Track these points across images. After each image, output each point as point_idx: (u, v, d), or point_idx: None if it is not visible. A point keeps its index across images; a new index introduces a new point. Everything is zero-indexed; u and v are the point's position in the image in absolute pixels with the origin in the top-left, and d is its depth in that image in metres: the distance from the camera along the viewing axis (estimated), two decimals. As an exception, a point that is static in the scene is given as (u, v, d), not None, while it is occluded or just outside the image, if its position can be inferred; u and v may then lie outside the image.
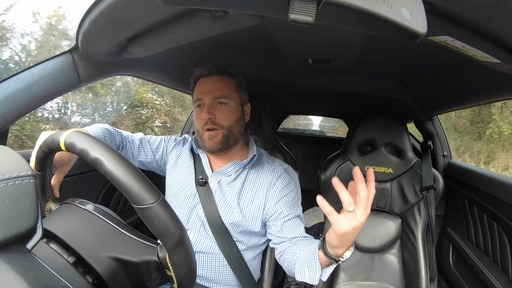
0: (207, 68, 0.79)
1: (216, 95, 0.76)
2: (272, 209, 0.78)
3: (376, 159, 1.14)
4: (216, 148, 0.77)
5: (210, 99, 0.76)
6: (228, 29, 0.53)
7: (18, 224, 0.28)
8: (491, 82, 0.76)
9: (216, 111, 0.76)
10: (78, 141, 0.37)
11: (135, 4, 0.45)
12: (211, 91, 0.77)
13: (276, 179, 0.81)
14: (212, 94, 0.76)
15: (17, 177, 0.29)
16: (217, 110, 0.76)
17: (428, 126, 1.46)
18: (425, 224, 1.09)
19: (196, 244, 0.78)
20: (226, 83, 0.79)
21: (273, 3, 0.31)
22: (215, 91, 0.77)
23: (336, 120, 3.70)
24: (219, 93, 0.77)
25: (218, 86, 0.78)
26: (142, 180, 0.35)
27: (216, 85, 0.78)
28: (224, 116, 0.77)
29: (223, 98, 0.77)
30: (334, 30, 0.69)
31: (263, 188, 0.80)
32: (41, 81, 0.65)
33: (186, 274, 0.39)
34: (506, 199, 0.99)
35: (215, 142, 0.76)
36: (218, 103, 0.77)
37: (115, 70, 0.83)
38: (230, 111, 0.78)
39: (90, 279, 0.38)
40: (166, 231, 0.35)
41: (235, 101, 0.79)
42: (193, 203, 0.80)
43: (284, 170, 0.84)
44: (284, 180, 0.81)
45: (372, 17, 0.27)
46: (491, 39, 0.45)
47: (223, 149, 0.78)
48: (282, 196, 0.79)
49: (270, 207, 0.78)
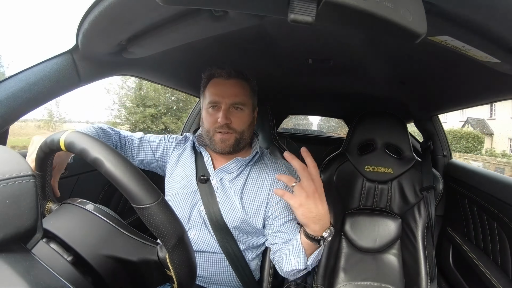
0: (227, 70, 0.78)
1: (235, 101, 0.76)
2: (273, 207, 0.78)
3: (376, 159, 1.14)
4: (228, 151, 0.78)
5: (228, 104, 0.76)
6: (228, 29, 0.53)
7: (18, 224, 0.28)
8: (491, 82, 0.76)
9: (231, 115, 0.76)
10: (78, 141, 0.37)
11: (135, 4, 0.45)
12: (229, 96, 0.76)
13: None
14: (230, 99, 0.76)
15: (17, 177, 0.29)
16: (232, 115, 0.77)
17: (428, 126, 1.46)
18: (425, 224, 1.09)
19: (197, 243, 0.78)
20: (243, 89, 0.79)
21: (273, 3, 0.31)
22: (233, 96, 0.76)
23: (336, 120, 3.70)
24: (237, 99, 0.77)
25: (236, 91, 0.77)
26: (142, 180, 0.35)
27: (234, 90, 0.77)
28: (239, 122, 0.77)
29: (240, 104, 0.77)
30: (334, 30, 0.69)
31: (266, 185, 0.80)
32: (41, 81, 0.65)
33: (186, 274, 0.39)
34: (506, 199, 0.99)
35: (227, 145, 0.77)
36: (234, 107, 0.77)
37: (115, 70, 0.83)
38: (245, 117, 0.79)
39: (90, 279, 0.38)
40: (166, 231, 0.35)
41: (249, 107, 0.80)
42: (194, 201, 0.79)
43: (287, 169, 0.84)
44: None
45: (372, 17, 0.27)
46: (491, 39, 0.45)
47: (233, 152, 0.80)
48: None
49: (272, 206, 0.78)
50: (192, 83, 1.24)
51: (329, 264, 1.11)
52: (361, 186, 1.16)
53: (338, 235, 1.16)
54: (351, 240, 1.15)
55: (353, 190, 1.16)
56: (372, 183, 1.16)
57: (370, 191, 1.16)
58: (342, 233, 1.17)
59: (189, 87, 1.35)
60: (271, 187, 0.80)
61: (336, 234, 1.16)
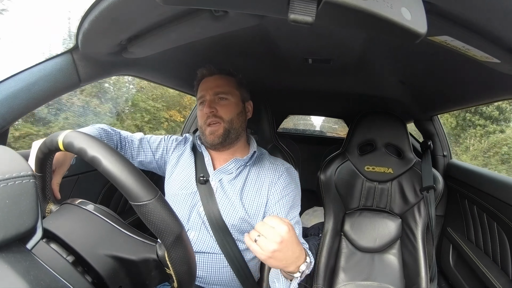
0: (208, 68, 0.84)
1: (217, 90, 0.80)
2: (272, 207, 0.78)
3: (376, 159, 1.14)
4: (218, 142, 0.79)
5: (212, 94, 0.80)
6: (228, 29, 0.53)
7: (18, 224, 0.28)
8: (491, 82, 0.76)
9: (217, 105, 0.80)
10: (76, 140, 0.37)
11: (135, 4, 0.45)
12: (212, 88, 0.81)
13: (278, 178, 0.81)
14: (213, 90, 0.80)
15: (17, 177, 0.29)
16: (218, 104, 0.80)
17: (428, 126, 1.46)
18: (425, 224, 1.09)
19: (197, 244, 0.78)
20: (227, 81, 0.83)
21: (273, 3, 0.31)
22: (215, 87, 0.81)
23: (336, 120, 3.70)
24: (220, 89, 0.81)
25: (218, 83, 0.82)
26: (139, 177, 0.35)
27: (217, 82, 0.82)
28: (225, 110, 0.80)
29: (224, 94, 0.81)
30: (334, 30, 0.69)
31: (265, 185, 0.80)
32: (41, 81, 0.65)
33: (185, 271, 0.39)
34: (506, 199, 0.99)
35: (216, 136, 0.79)
36: (219, 98, 0.81)
37: (115, 70, 0.83)
38: (231, 105, 0.81)
39: (89, 278, 0.38)
40: (164, 228, 0.35)
41: (235, 97, 0.83)
42: (193, 202, 0.79)
43: (285, 170, 0.84)
44: (285, 179, 0.81)
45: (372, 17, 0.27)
46: (491, 39, 0.45)
47: (225, 144, 0.80)
48: (283, 196, 0.79)
49: (271, 206, 0.78)
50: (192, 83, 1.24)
51: (329, 264, 1.11)
52: (361, 186, 1.16)
53: (338, 235, 1.16)
54: (351, 240, 1.15)
55: (353, 190, 1.16)
56: (372, 183, 1.16)
57: (370, 191, 1.16)
58: (342, 233, 1.17)
59: (189, 87, 1.35)
60: (270, 188, 0.80)
61: (336, 234, 1.16)
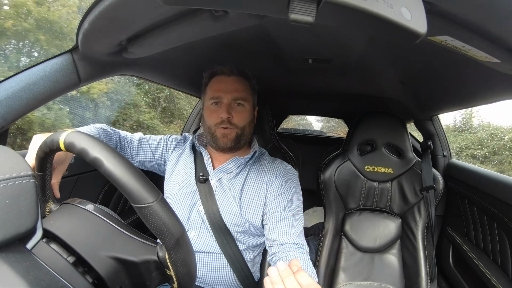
0: (229, 67, 0.80)
1: (236, 96, 0.78)
2: (269, 204, 0.78)
3: (376, 159, 1.14)
4: (229, 146, 0.79)
5: (230, 99, 0.77)
6: (228, 29, 0.53)
7: (18, 224, 0.28)
8: (491, 82, 0.76)
9: (233, 111, 0.78)
10: (77, 141, 0.37)
11: (135, 4, 0.45)
12: (231, 91, 0.78)
13: (275, 177, 0.81)
14: (232, 94, 0.78)
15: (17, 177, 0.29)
16: (234, 110, 0.78)
17: (428, 126, 1.46)
18: (425, 224, 1.09)
19: (197, 243, 0.78)
20: (244, 86, 0.81)
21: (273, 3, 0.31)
22: (235, 91, 0.78)
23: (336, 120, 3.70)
24: (239, 94, 0.78)
25: (237, 87, 0.79)
26: (141, 179, 0.35)
27: (236, 85, 0.79)
28: (240, 117, 0.78)
29: (242, 100, 0.79)
30: (334, 30, 0.69)
31: (264, 185, 0.80)
32: (41, 81, 0.65)
33: (186, 273, 0.39)
34: (506, 199, 0.99)
35: (229, 139, 0.78)
36: (236, 103, 0.78)
37: (115, 70, 0.83)
38: (246, 112, 0.80)
39: (90, 279, 0.38)
40: (165, 230, 0.35)
41: (250, 104, 0.82)
42: (193, 201, 0.80)
43: (283, 168, 0.84)
44: (283, 178, 0.81)
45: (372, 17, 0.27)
46: (491, 39, 0.45)
47: (234, 148, 0.80)
48: (280, 193, 0.79)
49: (268, 203, 0.79)
50: (192, 83, 1.25)
51: (329, 264, 1.11)
52: (361, 186, 1.16)
53: (338, 235, 1.16)
54: (351, 240, 1.15)
55: (353, 190, 1.16)
56: (372, 183, 1.16)
57: (370, 191, 1.16)
58: (342, 233, 1.17)
59: (189, 87, 1.36)
60: (268, 187, 0.80)
61: (336, 234, 1.16)
